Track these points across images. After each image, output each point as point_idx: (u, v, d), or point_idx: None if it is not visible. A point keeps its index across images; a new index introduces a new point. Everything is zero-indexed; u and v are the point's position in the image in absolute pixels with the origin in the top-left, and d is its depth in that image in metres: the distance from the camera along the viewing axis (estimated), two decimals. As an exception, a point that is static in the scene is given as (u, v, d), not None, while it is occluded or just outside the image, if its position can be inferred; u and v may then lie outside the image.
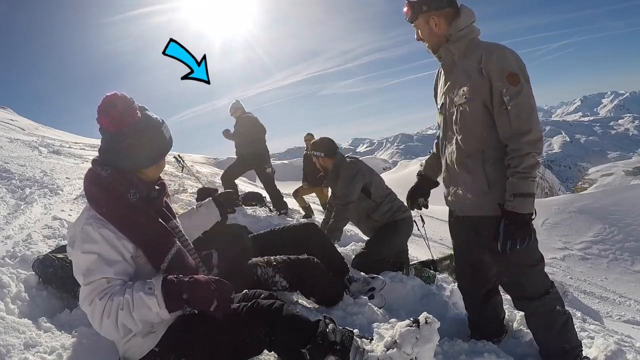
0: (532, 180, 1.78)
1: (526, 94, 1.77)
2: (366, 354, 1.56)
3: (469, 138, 1.92)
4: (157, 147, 1.53)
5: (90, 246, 1.41)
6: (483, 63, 1.80)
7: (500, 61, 1.78)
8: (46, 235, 3.22)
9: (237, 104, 5.87)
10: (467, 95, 1.87)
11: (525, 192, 1.76)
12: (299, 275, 2.28)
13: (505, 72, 1.76)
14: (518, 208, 1.77)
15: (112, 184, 1.49)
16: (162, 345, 1.52)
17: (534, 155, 1.76)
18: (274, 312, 1.53)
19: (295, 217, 5.92)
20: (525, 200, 1.77)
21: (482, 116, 1.86)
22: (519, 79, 1.76)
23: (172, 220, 1.68)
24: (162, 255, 1.51)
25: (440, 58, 2.00)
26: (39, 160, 6.79)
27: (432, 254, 4.57)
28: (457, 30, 1.89)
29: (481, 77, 1.81)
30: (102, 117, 1.44)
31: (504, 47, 1.84)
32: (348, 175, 3.39)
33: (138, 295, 1.38)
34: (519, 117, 1.76)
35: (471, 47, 1.89)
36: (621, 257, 9.90)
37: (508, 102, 1.76)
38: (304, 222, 3.00)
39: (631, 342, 3.29)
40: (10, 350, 1.79)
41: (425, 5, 1.91)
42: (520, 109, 1.76)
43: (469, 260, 2.19)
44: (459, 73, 1.93)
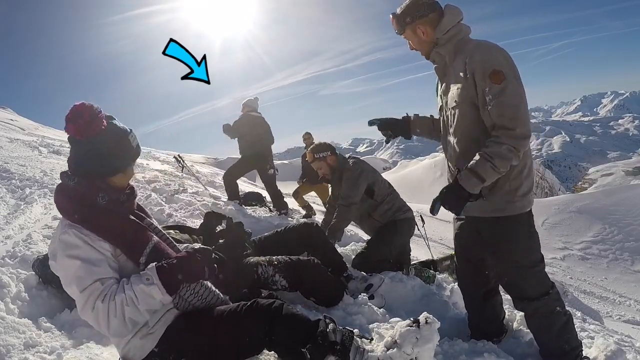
0: (492, 167, 1.72)
1: (511, 92, 1.72)
2: (366, 354, 1.56)
3: (463, 140, 1.91)
4: (123, 155, 1.56)
5: (73, 252, 1.43)
6: (467, 64, 1.79)
7: (482, 59, 1.76)
8: (46, 235, 3.22)
9: (248, 101, 5.72)
10: (456, 98, 1.87)
11: (475, 171, 1.73)
12: (298, 276, 2.29)
13: (487, 70, 1.74)
14: (461, 179, 1.76)
15: (80, 192, 1.51)
16: (162, 345, 1.52)
17: (509, 149, 1.71)
18: (274, 311, 1.53)
19: (296, 217, 5.91)
20: (471, 178, 1.74)
21: (472, 117, 1.84)
22: (502, 76, 1.72)
23: (146, 219, 1.70)
24: (139, 250, 1.53)
25: (434, 62, 2.00)
26: (39, 160, 6.79)
27: (432, 254, 4.57)
28: (442, 33, 1.88)
29: (466, 77, 1.80)
30: (70, 125, 1.48)
31: (490, 44, 1.82)
32: (352, 176, 3.38)
33: (139, 288, 1.42)
34: (502, 115, 1.73)
35: (460, 47, 1.88)
36: (621, 257, 9.90)
37: (490, 101, 1.74)
38: (305, 222, 3.01)
39: (631, 342, 3.29)
40: (10, 350, 1.79)
41: (409, 16, 1.92)
42: (503, 107, 1.72)
43: (470, 259, 2.19)
44: (450, 75, 1.93)
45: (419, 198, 14.37)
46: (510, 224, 1.90)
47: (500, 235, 1.93)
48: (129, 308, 1.40)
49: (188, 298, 1.57)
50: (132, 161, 1.61)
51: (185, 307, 1.57)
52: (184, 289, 1.54)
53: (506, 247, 1.95)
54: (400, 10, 1.95)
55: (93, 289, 1.40)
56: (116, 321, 1.40)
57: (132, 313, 1.42)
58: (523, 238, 1.94)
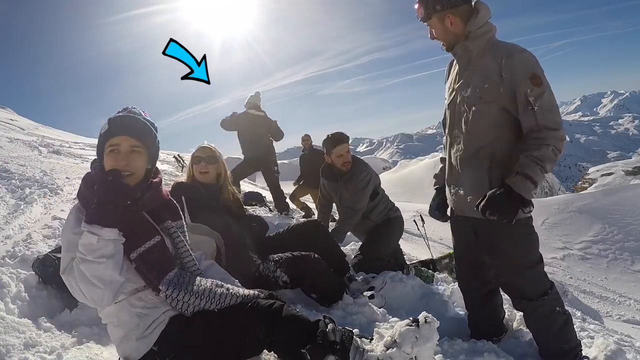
0: (540, 170, 1.70)
1: (549, 95, 1.75)
2: (366, 354, 1.56)
3: (479, 139, 1.88)
4: None
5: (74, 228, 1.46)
6: (504, 65, 1.77)
7: (523, 63, 1.76)
8: (46, 235, 3.22)
9: (250, 98, 5.63)
10: (482, 96, 1.83)
11: (529, 174, 1.69)
12: (300, 270, 2.30)
13: (528, 74, 1.74)
14: (515, 184, 1.70)
15: (94, 181, 1.52)
16: (161, 345, 1.52)
17: (554, 150, 1.71)
18: (274, 312, 1.53)
19: (296, 217, 5.92)
20: (525, 182, 1.69)
21: (496, 119, 1.83)
22: (541, 80, 1.74)
23: (168, 221, 1.67)
24: (132, 247, 1.52)
25: (456, 55, 1.95)
26: (38, 160, 6.78)
27: (431, 254, 4.57)
28: (476, 27, 1.84)
29: (501, 79, 1.78)
30: None
31: (523, 49, 1.81)
32: (362, 180, 3.33)
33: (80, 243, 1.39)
34: (549, 112, 1.73)
35: (490, 46, 1.85)
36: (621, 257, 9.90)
37: (534, 102, 1.73)
38: (307, 220, 3.02)
39: (631, 341, 3.29)
40: (10, 350, 1.79)
41: (439, 4, 1.85)
42: (548, 107, 1.73)
43: (469, 260, 2.19)
44: (474, 72, 1.88)
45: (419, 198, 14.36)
46: (509, 225, 1.90)
47: (498, 236, 1.93)
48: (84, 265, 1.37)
49: (183, 298, 1.55)
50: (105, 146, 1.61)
51: (186, 308, 1.56)
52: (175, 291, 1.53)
53: (505, 248, 1.95)
54: None
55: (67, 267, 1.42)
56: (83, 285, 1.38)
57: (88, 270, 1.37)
58: (521, 239, 1.93)
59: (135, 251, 1.52)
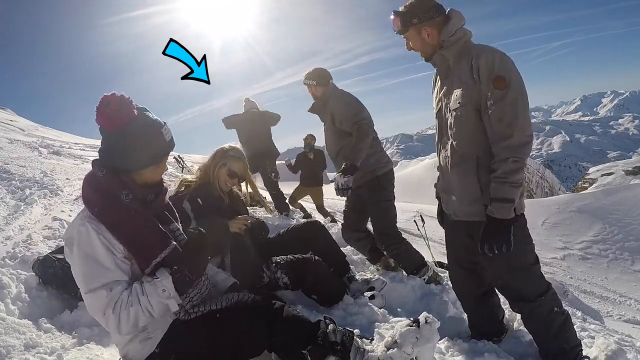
0: (511, 186, 1.73)
1: (512, 98, 1.72)
2: (367, 354, 1.56)
3: (464, 143, 1.90)
4: (154, 148, 1.51)
5: (86, 248, 1.40)
6: (473, 66, 1.78)
7: (488, 64, 1.75)
8: (46, 236, 3.22)
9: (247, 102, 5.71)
10: (459, 100, 1.85)
11: (501, 197, 1.74)
12: (301, 272, 2.30)
13: (491, 76, 1.74)
14: (495, 213, 1.76)
15: (105, 185, 1.48)
16: (162, 347, 1.52)
17: (514, 160, 1.72)
18: (275, 313, 1.53)
19: (296, 218, 5.92)
20: (502, 206, 1.74)
21: (475, 121, 1.83)
22: (505, 82, 1.72)
23: (173, 223, 1.67)
24: (149, 259, 1.49)
25: (435, 64, 1.99)
26: (38, 160, 6.79)
27: (432, 254, 4.56)
28: (449, 35, 1.87)
29: (473, 81, 1.79)
30: (98, 115, 1.44)
31: (495, 49, 1.81)
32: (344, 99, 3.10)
33: (155, 300, 1.43)
34: (500, 121, 1.73)
35: (464, 50, 1.87)
36: (621, 257, 9.89)
37: (490, 106, 1.74)
38: (307, 221, 3.01)
39: (631, 341, 3.29)
40: (10, 351, 1.79)
41: (416, 17, 1.88)
42: (502, 113, 1.72)
43: (462, 263, 2.18)
44: (453, 78, 1.91)
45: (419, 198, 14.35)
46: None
47: None
48: (144, 317, 1.43)
49: (193, 297, 1.56)
50: (164, 155, 1.57)
51: (186, 303, 1.55)
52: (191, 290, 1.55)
53: None
54: (405, 9, 1.92)
55: (100, 295, 1.38)
56: (128, 326, 1.42)
57: (146, 320, 1.45)
58: (516, 241, 1.93)
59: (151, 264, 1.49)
